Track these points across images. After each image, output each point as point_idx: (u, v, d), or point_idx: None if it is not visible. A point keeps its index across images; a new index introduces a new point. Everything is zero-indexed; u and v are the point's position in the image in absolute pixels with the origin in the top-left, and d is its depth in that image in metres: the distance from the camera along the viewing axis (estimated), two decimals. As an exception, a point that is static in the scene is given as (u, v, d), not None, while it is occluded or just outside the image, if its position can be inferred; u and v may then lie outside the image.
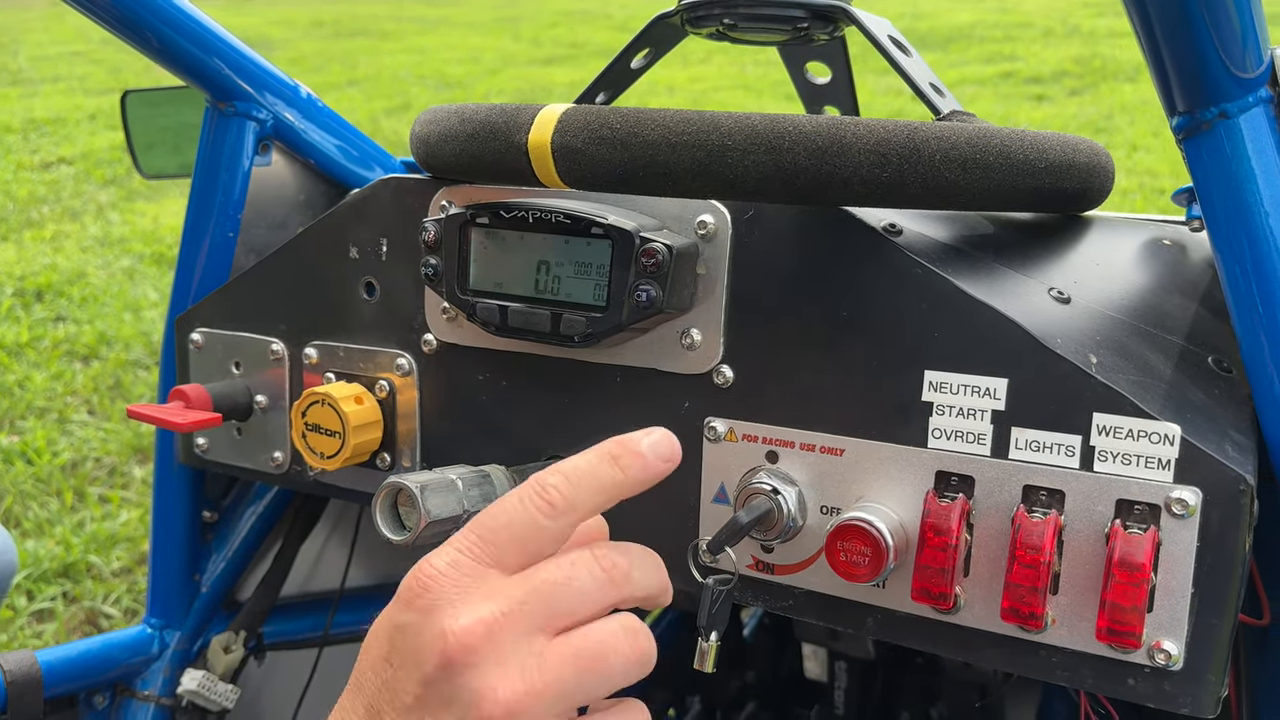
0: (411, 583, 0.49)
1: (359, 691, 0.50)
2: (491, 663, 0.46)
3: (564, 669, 0.48)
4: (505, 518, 0.50)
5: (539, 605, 0.48)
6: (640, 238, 0.67)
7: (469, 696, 0.46)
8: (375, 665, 0.49)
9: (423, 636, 0.47)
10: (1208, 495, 0.56)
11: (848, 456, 0.67)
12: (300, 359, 0.90)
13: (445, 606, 0.47)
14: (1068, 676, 0.61)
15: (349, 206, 0.87)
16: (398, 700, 0.47)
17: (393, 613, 0.49)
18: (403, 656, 0.48)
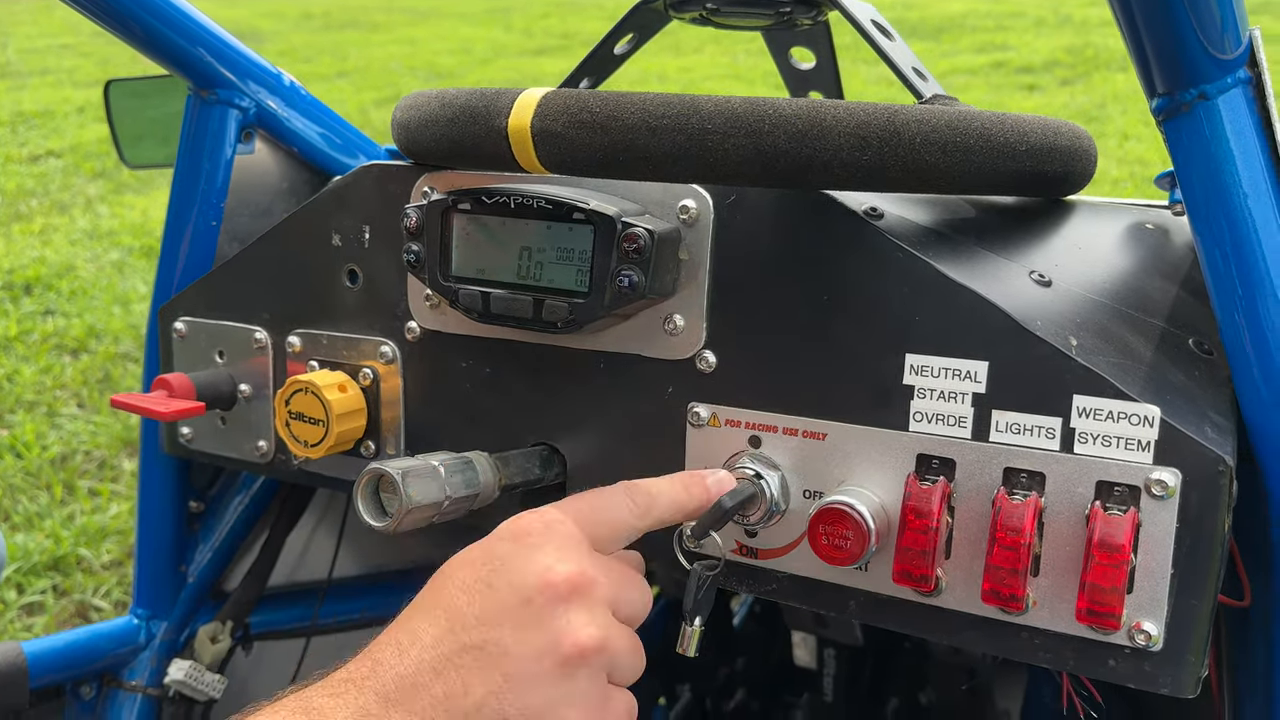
0: (514, 525, 0.58)
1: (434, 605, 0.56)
2: (583, 609, 0.55)
3: (624, 643, 0.57)
4: (608, 511, 0.61)
5: (617, 589, 0.58)
6: (622, 223, 0.67)
7: (562, 624, 0.54)
8: (465, 584, 0.56)
9: (528, 565, 0.55)
10: (1187, 476, 0.56)
11: (830, 440, 0.67)
12: (284, 347, 0.90)
13: (549, 549, 0.56)
14: (1049, 658, 0.61)
15: (331, 194, 0.86)
16: (487, 613, 0.54)
17: (490, 544, 0.57)
18: (505, 579, 0.55)
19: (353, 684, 0.54)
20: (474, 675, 0.53)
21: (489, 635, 0.54)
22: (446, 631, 0.54)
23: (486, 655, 0.54)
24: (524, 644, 0.54)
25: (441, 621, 0.55)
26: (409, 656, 0.54)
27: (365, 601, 1.22)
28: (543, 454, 0.78)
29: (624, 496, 0.62)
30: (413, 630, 0.55)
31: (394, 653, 0.54)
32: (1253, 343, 0.59)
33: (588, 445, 0.77)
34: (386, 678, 0.54)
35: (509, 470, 0.73)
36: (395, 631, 0.56)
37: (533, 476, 0.76)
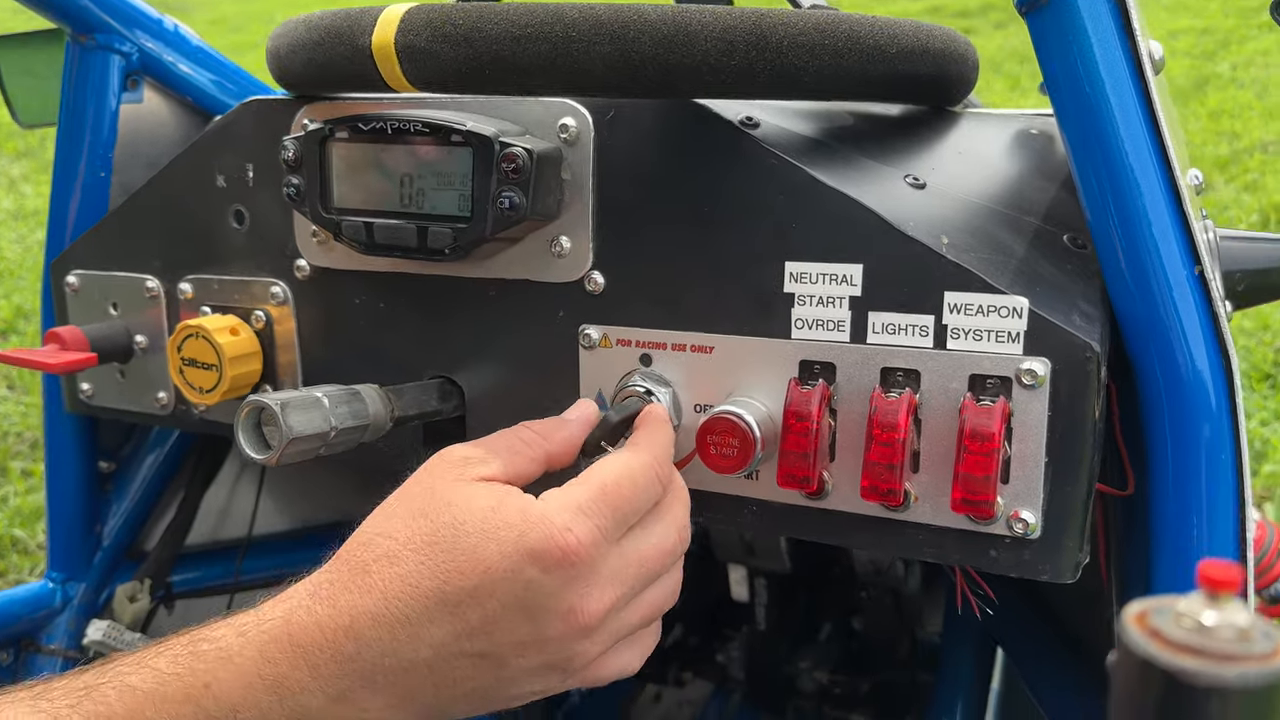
0: (553, 550, 0.53)
1: (444, 606, 0.52)
2: (597, 639, 0.55)
3: (630, 627, 0.58)
4: (636, 504, 0.57)
5: (640, 583, 0.57)
6: (500, 143, 0.66)
7: (567, 653, 0.54)
8: (482, 600, 0.52)
9: (555, 605, 0.53)
10: (1056, 365, 0.57)
11: (717, 353, 0.67)
12: (176, 295, 0.88)
13: (580, 585, 0.54)
14: (934, 552, 0.62)
15: (213, 134, 0.84)
16: (498, 634, 0.53)
17: (524, 568, 0.53)
18: (527, 612, 0.53)
19: (335, 662, 0.51)
20: (467, 674, 0.53)
21: (493, 649, 0.53)
22: (451, 636, 0.52)
23: (486, 662, 0.54)
24: (524, 660, 0.54)
25: (446, 624, 0.52)
26: (404, 650, 0.52)
27: (289, 557, 1.21)
28: (441, 386, 0.77)
29: (655, 484, 0.59)
30: (409, 619, 0.52)
31: (385, 640, 0.52)
32: (1119, 230, 0.60)
33: (484, 376, 0.76)
34: (375, 665, 0.52)
35: (402, 402, 0.72)
36: (383, 605, 0.52)
37: (430, 409, 0.75)
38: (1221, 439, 0.59)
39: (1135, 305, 0.59)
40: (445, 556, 0.52)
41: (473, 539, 0.53)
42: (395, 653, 0.52)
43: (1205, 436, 0.58)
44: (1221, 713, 0.24)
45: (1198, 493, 0.60)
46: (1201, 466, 0.60)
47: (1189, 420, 0.59)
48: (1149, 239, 0.58)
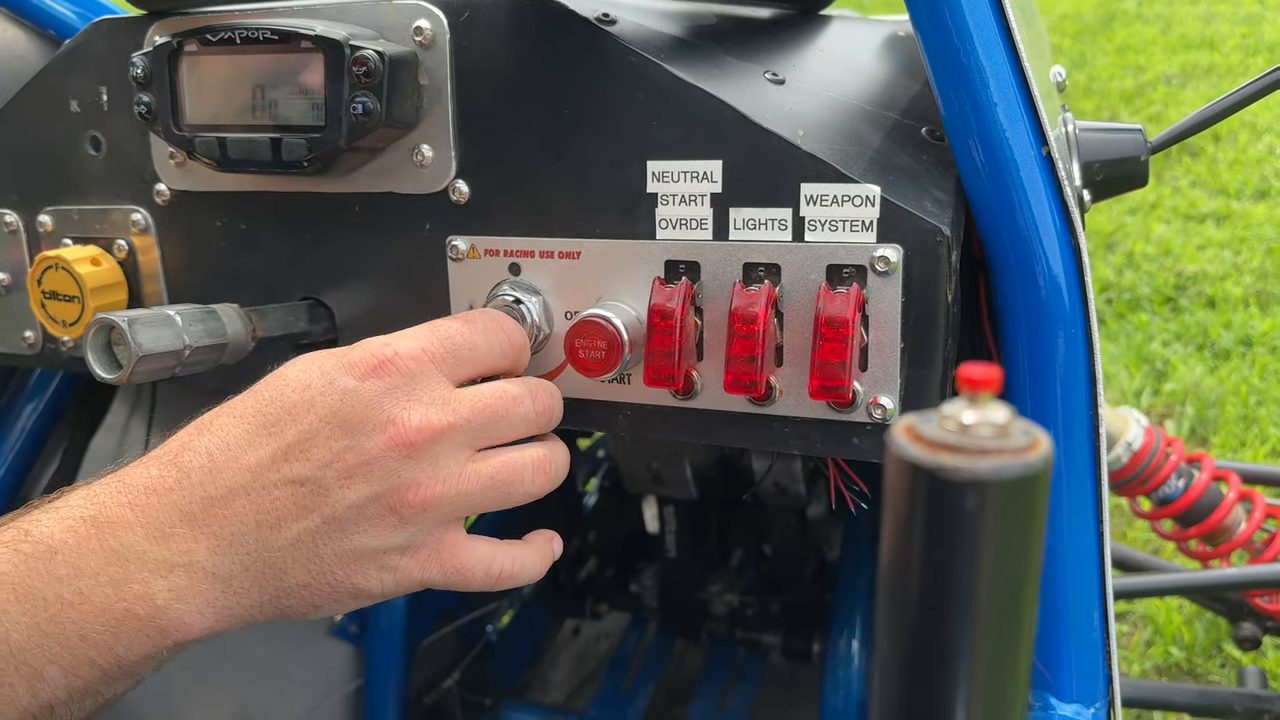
0: (368, 356, 0.53)
1: (265, 427, 0.52)
2: (425, 462, 0.52)
3: (476, 484, 0.54)
4: (469, 340, 0.56)
5: (478, 427, 0.55)
6: (350, 46, 0.64)
7: (395, 481, 0.51)
8: (300, 414, 0.52)
9: (371, 413, 0.51)
10: (908, 251, 0.58)
11: (585, 259, 0.67)
12: (36, 228, 0.85)
13: (399, 395, 0.52)
14: (800, 444, 0.63)
15: (63, 57, 0.81)
16: (315, 451, 0.51)
17: (336, 375, 0.52)
18: (342, 419, 0.51)
19: (154, 493, 0.50)
20: (291, 511, 0.50)
21: (313, 473, 0.51)
22: (269, 457, 0.50)
23: (308, 493, 0.51)
24: (349, 491, 0.51)
25: (266, 444, 0.51)
26: (223, 474, 0.50)
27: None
28: (310, 308, 0.75)
29: (496, 327, 0.59)
30: (229, 445, 0.51)
31: (204, 466, 0.50)
32: (972, 115, 0.60)
33: (354, 295, 0.75)
34: (194, 494, 0.50)
35: (266, 323, 0.71)
36: (208, 436, 0.52)
37: (297, 330, 0.73)
38: (1075, 317, 0.60)
39: (986, 187, 0.59)
40: (272, 387, 0.53)
41: (298, 367, 0.54)
42: (214, 480, 0.50)
43: (1056, 310, 0.59)
44: (980, 505, 0.24)
45: (1051, 375, 0.62)
46: (1058, 346, 0.61)
47: (1040, 299, 0.60)
48: (997, 120, 0.58)
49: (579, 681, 1.56)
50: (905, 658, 0.25)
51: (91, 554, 0.48)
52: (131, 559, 0.49)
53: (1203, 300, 3.22)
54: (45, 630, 0.48)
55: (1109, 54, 5.72)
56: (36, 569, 0.48)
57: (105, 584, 0.48)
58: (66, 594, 0.48)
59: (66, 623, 0.48)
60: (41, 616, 0.47)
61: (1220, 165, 4.14)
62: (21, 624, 0.47)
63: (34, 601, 0.48)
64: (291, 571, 0.51)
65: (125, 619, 0.48)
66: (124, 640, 0.49)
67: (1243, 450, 2.49)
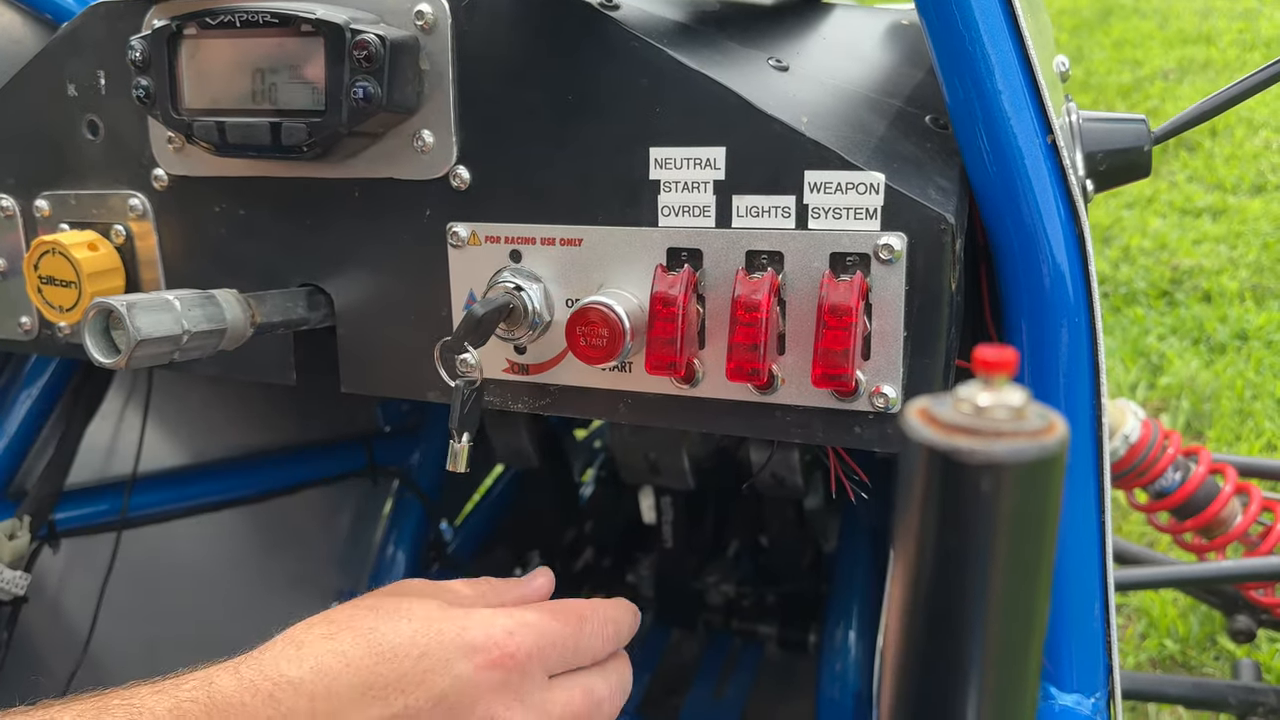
0: (492, 647, 0.53)
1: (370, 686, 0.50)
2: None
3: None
4: (581, 644, 0.58)
5: None
6: (351, 30, 0.64)
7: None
8: (410, 688, 0.50)
9: (477, 708, 0.51)
10: (912, 239, 0.57)
11: (586, 245, 0.66)
12: (33, 213, 0.84)
13: (509, 697, 0.52)
14: (801, 433, 0.63)
15: (60, 40, 0.80)
16: (410, 701, 0.50)
17: (457, 660, 0.52)
18: (449, 704, 0.51)
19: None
20: None
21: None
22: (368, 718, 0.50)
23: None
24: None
25: (368, 705, 0.50)
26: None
27: (179, 492, 1.18)
28: (309, 295, 0.75)
29: (605, 634, 0.60)
30: (330, 690, 0.50)
31: (304, 709, 0.49)
32: (977, 103, 0.60)
33: (353, 282, 0.74)
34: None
35: (264, 309, 0.70)
36: (309, 672, 0.50)
37: (296, 317, 0.73)
38: (1079, 306, 0.60)
39: (991, 175, 0.59)
40: (383, 638, 0.51)
41: (415, 624, 0.52)
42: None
43: (1060, 300, 0.59)
44: (995, 488, 0.24)
45: (1055, 365, 0.61)
46: (1062, 336, 0.61)
47: (1044, 288, 0.59)
48: (1002, 108, 0.58)
49: (575, 672, 1.56)
50: (918, 641, 0.25)
51: None
52: None
53: (1199, 294, 3.22)
54: None
55: (1106, 48, 5.72)
56: None
57: None
58: None
59: None
60: None
61: (1217, 160, 4.15)
62: None
63: None
64: None
65: None
66: None
67: (1238, 444, 2.49)
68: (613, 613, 0.62)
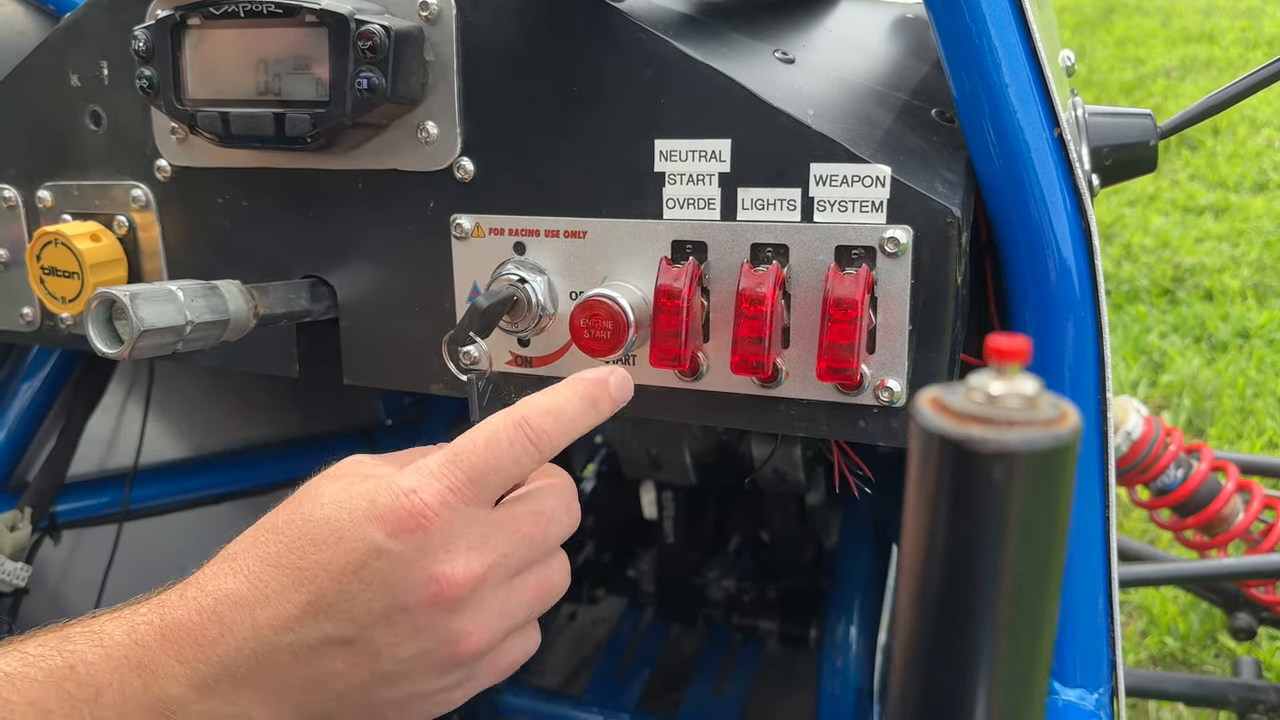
0: (399, 510, 0.49)
1: (299, 580, 0.49)
2: (471, 609, 0.51)
3: (521, 613, 0.53)
4: (496, 461, 0.52)
5: (518, 558, 0.53)
6: (355, 21, 0.64)
7: (444, 634, 0.50)
8: (333, 571, 0.49)
9: (410, 572, 0.49)
10: (918, 232, 0.57)
11: (590, 238, 0.66)
12: (35, 204, 0.84)
13: (437, 550, 0.50)
14: (805, 426, 0.62)
15: (63, 30, 0.80)
16: (357, 611, 0.49)
17: (369, 530, 0.49)
18: (381, 580, 0.49)
19: (197, 645, 0.49)
20: (338, 668, 0.49)
21: (358, 633, 0.49)
22: (309, 614, 0.49)
23: (355, 651, 0.49)
24: (398, 648, 0.50)
25: (302, 599, 0.49)
26: (263, 630, 0.49)
27: (179, 484, 1.18)
28: (312, 286, 0.75)
29: (524, 443, 0.52)
30: (268, 599, 0.49)
31: (246, 622, 0.49)
32: (984, 96, 0.59)
33: (356, 274, 0.74)
34: (239, 649, 0.48)
35: (267, 300, 0.70)
36: (243, 582, 0.50)
37: (299, 308, 0.73)
38: (1085, 301, 0.60)
39: (997, 169, 0.59)
40: (300, 530, 0.50)
41: (327, 509, 0.51)
42: (256, 636, 0.48)
43: (1066, 295, 0.59)
44: (1007, 477, 0.24)
45: (1060, 360, 0.61)
46: (1068, 331, 0.61)
47: (1050, 282, 0.59)
48: (1009, 102, 0.58)
49: (575, 665, 1.56)
50: (927, 631, 0.25)
51: (135, 701, 0.48)
52: (176, 709, 0.48)
53: (1200, 292, 3.22)
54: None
55: (1108, 46, 5.71)
56: (81, 712, 0.47)
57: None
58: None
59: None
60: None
61: (1219, 158, 4.14)
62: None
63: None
64: (340, 717, 0.51)
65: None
66: None
67: (1239, 442, 2.49)
68: (530, 417, 0.54)
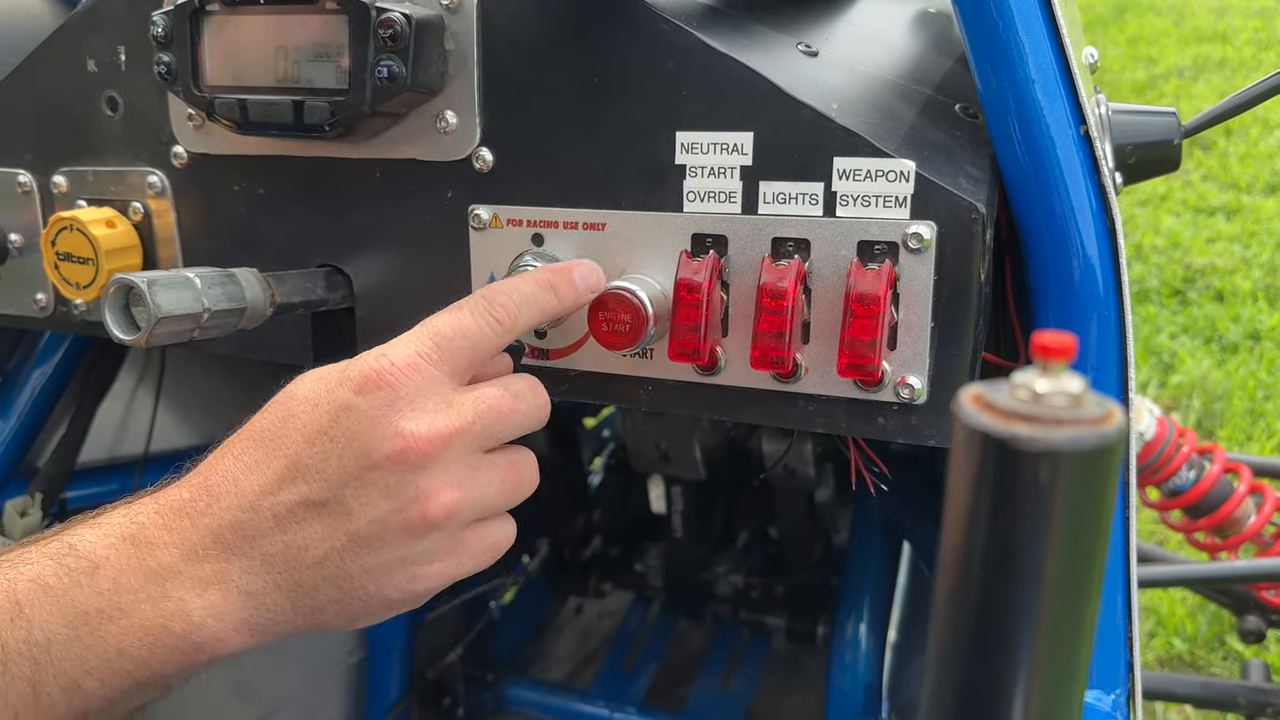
0: (366, 370, 0.52)
1: (278, 448, 0.52)
2: (439, 469, 0.52)
3: (491, 483, 0.55)
4: (460, 327, 0.55)
5: (484, 428, 0.54)
6: (376, 9, 0.63)
7: (413, 492, 0.51)
8: (308, 433, 0.52)
9: (377, 427, 0.51)
10: (942, 228, 0.57)
11: (610, 230, 0.66)
12: (50, 189, 0.84)
13: (403, 406, 0.52)
14: (824, 422, 0.62)
15: (81, 15, 0.79)
16: (329, 470, 0.51)
17: (338, 391, 0.52)
18: (349, 437, 0.51)
19: (187, 516, 0.51)
20: (315, 532, 0.51)
21: (331, 494, 0.51)
22: (287, 478, 0.51)
23: (329, 513, 0.51)
24: (369, 507, 0.51)
25: (280, 465, 0.52)
26: (246, 498, 0.51)
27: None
28: (328, 275, 0.74)
29: (485, 313, 0.56)
30: (250, 464, 0.52)
31: (231, 491, 0.52)
32: (1010, 92, 0.59)
33: (372, 263, 0.74)
34: (223, 517, 0.51)
35: (284, 288, 0.70)
36: (230, 459, 0.53)
37: (315, 297, 0.72)
38: (1109, 300, 0.59)
39: (1022, 165, 0.58)
40: (284, 407, 0.54)
41: (305, 385, 0.54)
42: (239, 504, 0.51)
43: (1090, 293, 0.58)
44: (1052, 476, 0.23)
45: (1083, 359, 0.61)
46: (1091, 329, 0.60)
47: (1074, 281, 0.59)
48: (1035, 98, 0.57)
49: (581, 659, 1.56)
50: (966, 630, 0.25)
51: (131, 571, 0.50)
52: (169, 577, 0.50)
53: (1211, 293, 3.21)
54: (86, 643, 0.49)
55: (1121, 45, 5.69)
56: (80, 583, 0.49)
57: (143, 600, 0.50)
58: (107, 608, 0.49)
59: (107, 636, 0.49)
60: (83, 629, 0.49)
61: (1231, 159, 4.12)
62: (63, 635, 0.49)
63: (76, 614, 0.49)
64: (322, 589, 0.52)
65: (163, 635, 0.50)
66: (160, 655, 0.50)
67: (1249, 444, 2.48)
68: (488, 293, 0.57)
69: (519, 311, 0.57)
